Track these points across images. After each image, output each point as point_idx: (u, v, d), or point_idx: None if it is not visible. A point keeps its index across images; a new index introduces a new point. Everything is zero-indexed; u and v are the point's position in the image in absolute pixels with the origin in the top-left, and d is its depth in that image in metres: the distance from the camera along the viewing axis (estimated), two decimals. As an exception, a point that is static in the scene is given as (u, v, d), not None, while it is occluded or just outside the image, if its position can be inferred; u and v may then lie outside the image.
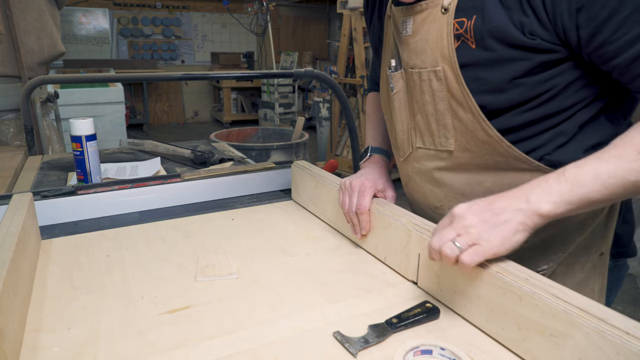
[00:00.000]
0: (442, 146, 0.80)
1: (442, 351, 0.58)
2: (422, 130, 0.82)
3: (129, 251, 0.88)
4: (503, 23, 0.67)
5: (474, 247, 0.60)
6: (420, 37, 0.77)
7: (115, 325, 0.65)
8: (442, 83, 0.75)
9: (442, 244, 0.61)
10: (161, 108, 7.70)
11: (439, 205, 0.86)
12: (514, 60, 0.68)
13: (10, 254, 0.64)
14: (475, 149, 0.76)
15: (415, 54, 0.78)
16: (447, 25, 0.72)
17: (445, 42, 0.73)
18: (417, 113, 0.82)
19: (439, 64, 0.74)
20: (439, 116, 0.77)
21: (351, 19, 4.02)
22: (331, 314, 0.67)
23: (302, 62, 7.57)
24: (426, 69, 0.76)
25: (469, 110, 0.73)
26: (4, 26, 2.00)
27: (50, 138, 2.25)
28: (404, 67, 0.82)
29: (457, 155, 0.78)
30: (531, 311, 0.55)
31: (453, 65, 0.72)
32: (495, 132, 0.72)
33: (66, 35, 6.59)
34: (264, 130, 3.71)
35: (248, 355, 0.58)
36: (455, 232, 0.61)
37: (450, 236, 0.61)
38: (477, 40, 0.70)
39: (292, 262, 0.84)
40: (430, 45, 0.75)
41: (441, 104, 0.76)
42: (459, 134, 0.76)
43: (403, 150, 0.89)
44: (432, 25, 0.74)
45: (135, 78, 4.90)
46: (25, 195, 0.91)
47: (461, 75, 0.72)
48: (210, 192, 1.18)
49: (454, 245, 0.60)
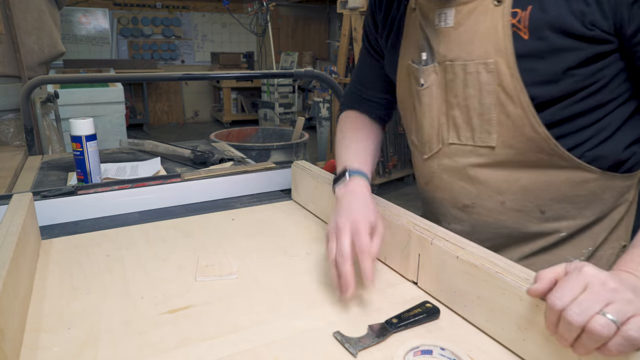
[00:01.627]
0: (482, 142, 0.78)
1: (442, 351, 0.58)
2: (459, 125, 0.80)
3: (129, 251, 0.88)
4: (563, 13, 0.66)
5: (637, 318, 0.44)
6: (467, 29, 0.74)
7: (115, 325, 0.65)
8: (492, 76, 0.73)
9: (588, 317, 0.44)
10: (161, 108, 7.70)
11: (469, 204, 0.84)
12: (570, 50, 0.67)
13: (10, 254, 0.64)
14: (519, 145, 0.74)
15: (458, 45, 0.76)
16: (503, 17, 0.70)
17: (500, 34, 0.71)
18: (454, 107, 0.80)
19: (490, 56, 0.72)
20: (484, 110, 0.76)
21: (351, 19, 4.01)
22: (331, 314, 0.67)
23: (302, 62, 7.56)
24: (473, 61, 0.74)
25: (519, 104, 0.72)
26: (4, 26, 2.00)
27: (50, 138, 2.25)
28: (438, 61, 0.80)
29: (498, 152, 0.77)
30: (531, 311, 0.55)
31: (508, 57, 0.71)
32: (543, 129, 0.72)
33: (66, 35, 6.59)
34: (264, 130, 3.71)
35: (248, 355, 0.58)
36: (604, 299, 0.45)
37: (598, 304, 0.45)
38: (532, 31, 0.69)
39: (292, 262, 0.84)
40: (480, 37, 0.73)
41: (488, 98, 0.74)
42: (504, 130, 0.75)
43: (429, 147, 0.86)
44: (482, 17, 0.73)
45: (135, 78, 4.91)
46: (25, 195, 0.91)
47: (517, 67, 0.70)
48: (210, 192, 1.18)
49: (607, 320, 0.44)
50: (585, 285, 0.47)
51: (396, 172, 4.36)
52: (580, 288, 0.47)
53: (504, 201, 0.81)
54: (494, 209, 0.82)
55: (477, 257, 0.63)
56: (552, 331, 0.49)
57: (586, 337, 0.45)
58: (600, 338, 0.44)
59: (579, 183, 0.76)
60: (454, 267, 0.66)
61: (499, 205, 0.81)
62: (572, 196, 0.77)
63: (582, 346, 0.46)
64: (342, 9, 4.06)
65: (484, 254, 0.64)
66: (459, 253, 0.65)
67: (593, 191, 0.77)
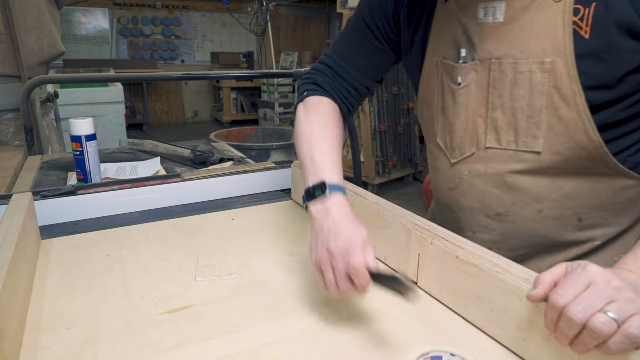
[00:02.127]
0: (527, 147, 0.73)
1: (453, 357, 0.58)
2: (501, 128, 0.75)
3: (129, 251, 0.88)
4: (628, 12, 0.63)
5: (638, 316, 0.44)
6: (521, 25, 0.70)
7: (115, 325, 0.65)
8: (548, 76, 0.69)
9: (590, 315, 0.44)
10: (161, 108, 7.70)
11: (502, 212, 0.80)
12: (631, 52, 0.65)
13: (10, 254, 0.64)
14: (568, 152, 0.71)
15: (510, 43, 0.71)
16: (565, 13, 0.66)
17: (560, 32, 0.67)
18: (497, 109, 0.75)
19: (548, 55, 0.68)
20: (533, 113, 0.71)
21: (351, 19, 4.01)
22: (331, 314, 0.67)
23: (302, 62, 7.56)
24: (527, 60, 0.70)
25: (574, 107, 0.68)
26: (4, 26, 2.00)
27: (50, 138, 2.25)
28: (480, 58, 0.75)
29: (544, 158, 0.73)
30: (531, 311, 0.55)
31: (568, 57, 0.67)
32: (597, 136, 0.69)
33: (66, 35, 6.58)
34: (264, 130, 3.71)
35: (248, 355, 0.58)
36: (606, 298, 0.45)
37: (600, 303, 0.45)
38: (594, 30, 0.65)
39: (292, 262, 0.84)
40: (537, 34, 0.69)
41: (540, 100, 0.70)
42: (553, 135, 0.71)
43: (461, 151, 0.81)
44: (539, 13, 0.68)
45: (135, 78, 4.92)
46: (25, 195, 0.91)
47: (576, 68, 0.67)
48: (210, 192, 1.18)
49: (609, 318, 0.44)
50: (589, 283, 0.47)
51: (396, 172, 4.36)
52: (583, 286, 0.47)
53: (542, 209, 0.77)
54: (530, 217, 0.78)
55: (477, 257, 0.63)
56: (552, 329, 0.49)
57: (587, 335, 0.45)
58: (601, 336, 0.44)
59: (619, 190, 0.74)
60: (454, 267, 0.66)
61: (535, 214, 0.78)
62: (611, 203, 0.75)
63: (582, 344, 0.46)
64: (342, 9, 4.06)
65: (484, 254, 0.64)
66: (459, 253, 0.65)
67: (631, 198, 0.76)
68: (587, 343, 0.46)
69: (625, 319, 0.44)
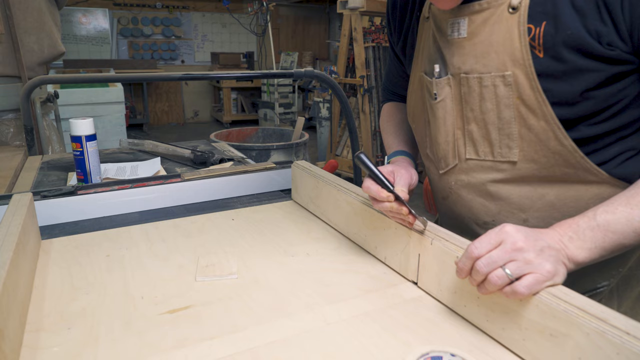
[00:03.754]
0: (502, 157, 0.74)
1: (453, 357, 0.58)
2: (477, 140, 0.76)
3: (129, 251, 0.88)
4: (578, 31, 0.62)
5: (531, 275, 0.54)
6: (481, 40, 0.71)
7: (115, 325, 0.65)
8: (511, 89, 0.69)
9: (491, 269, 0.55)
10: (161, 108, 7.70)
11: (489, 221, 0.81)
12: (588, 71, 0.64)
13: (10, 254, 0.64)
14: (543, 159, 0.71)
15: (473, 57, 0.72)
16: (519, 25, 0.66)
17: (517, 44, 0.67)
18: (471, 122, 0.76)
19: (508, 68, 0.68)
20: (503, 124, 0.72)
21: (351, 19, 4.01)
22: (331, 314, 0.67)
23: (302, 62, 7.57)
24: (490, 74, 0.70)
25: (542, 117, 0.68)
26: (4, 26, 2.00)
27: (50, 138, 2.25)
28: (451, 73, 0.76)
29: (521, 167, 0.73)
30: (531, 311, 0.55)
31: (527, 69, 0.67)
32: (569, 142, 0.68)
33: (66, 35, 6.59)
34: (264, 130, 3.71)
35: (248, 355, 0.58)
36: (508, 257, 0.55)
37: (502, 261, 0.55)
38: (547, 49, 0.65)
39: (292, 262, 0.84)
40: (496, 48, 0.69)
41: (507, 112, 0.71)
42: (526, 144, 0.71)
43: (445, 162, 0.83)
44: (496, 26, 0.68)
45: (135, 78, 4.91)
46: (25, 195, 0.91)
47: (537, 79, 0.66)
48: (210, 192, 1.18)
49: (504, 273, 0.54)
50: (500, 241, 0.56)
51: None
52: (495, 243, 0.56)
53: (526, 218, 0.77)
54: None
55: (477, 257, 0.63)
56: (465, 274, 0.58)
57: (486, 283, 0.56)
58: (495, 286, 0.55)
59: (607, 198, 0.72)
60: (454, 267, 0.66)
61: (521, 223, 0.77)
62: None
63: (484, 288, 0.57)
64: (342, 9, 4.06)
65: (484, 254, 0.64)
66: (459, 253, 0.65)
67: None
68: (487, 289, 0.57)
69: (519, 275, 0.54)
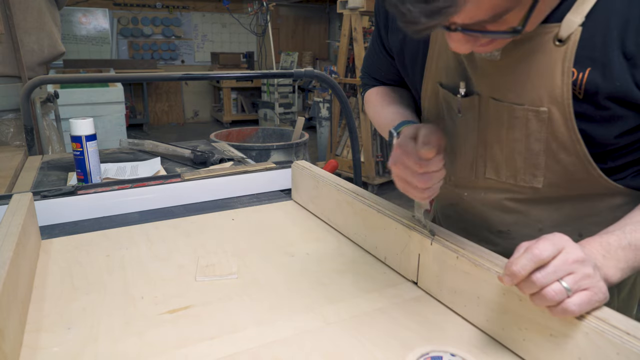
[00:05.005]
0: (526, 183, 0.71)
1: (453, 357, 0.58)
2: (500, 163, 0.72)
3: (129, 251, 0.88)
4: (627, 84, 0.58)
5: (586, 292, 0.50)
6: (517, 67, 0.64)
7: (115, 325, 0.65)
8: (544, 124, 0.65)
9: (549, 282, 0.49)
10: (161, 108, 7.70)
11: (504, 230, 0.79)
12: (627, 117, 0.62)
13: (10, 254, 0.64)
14: (567, 184, 0.70)
15: (505, 84, 0.66)
16: (565, 62, 0.60)
17: (558, 81, 0.61)
18: (495, 145, 0.71)
19: (544, 103, 0.63)
20: (530, 155, 0.68)
21: (351, 19, 4.01)
22: (331, 314, 0.67)
23: (302, 62, 7.57)
24: (522, 106, 0.65)
25: (573, 153, 0.65)
26: (4, 26, 2.00)
27: (50, 138, 2.25)
28: (478, 93, 0.70)
29: (543, 191, 0.71)
30: (531, 311, 0.55)
31: (566, 108, 0.62)
32: (598, 172, 0.67)
33: (66, 35, 6.59)
34: (264, 130, 3.71)
35: (248, 355, 0.58)
36: (569, 269, 0.50)
37: (562, 272, 0.50)
38: (588, 96, 0.61)
39: (292, 262, 0.84)
40: (533, 80, 0.63)
41: (536, 145, 0.67)
42: (552, 174, 0.69)
43: (461, 175, 0.80)
44: (538, 56, 0.62)
45: (135, 78, 4.91)
46: (25, 195, 0.91)
47: (574, 118, 0.62)
48: (210, 192, 1.18)
49: (562, 288, 0.49)
50: (561, 249, 0.51)
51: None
52: (557, 250, 0.51)
53: (542, 228, 0.76)
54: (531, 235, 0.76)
55: (477, 257, 0.63)
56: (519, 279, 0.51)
57: (538, 297, 0.50)
58: (551, 302, 0.49)
59: (619, 206, 0.73)
60: (454, 267, 0.66)
61: (536, 232, 0.76)
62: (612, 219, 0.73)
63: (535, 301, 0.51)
64: (342, 9, 4.06)
65: (484, 254, 0.64)
66: (459, 253, 0.65)
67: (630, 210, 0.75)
68: (539, 303, 0.51)
69: (577, 290, 0.49)
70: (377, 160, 4.19)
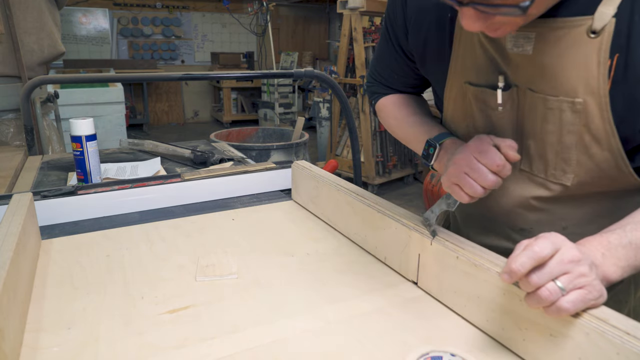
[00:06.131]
0: (555, 179, 0.71)
1: (453, 357, 0.58)
2: (533, 155, 0.73)
3: (129, 251, 0.88)
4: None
5: (580, 290, 0.51)
6: (550, 60, 0.64)
7: (115, 325, 0.65)
8: (578, 116, 0.64)
9: (544, 282, 0.51)
10: (161, 108, 7.70)
11: (526, 228, 0.79)
12: None
13: (10, 254, 0.64)
14: (596, 181, 0.69)
15: (540, 76, 0.66)
16: (599, 52, 0.60)
17: (594, 72, 0.61)
18: (529, 137, 0.72)
19: (579, 94, 0.63)
20: (562, 149, 0.68)
21: (351, 19, 4.01)
22: (331, 314, 0.67)
23: (302, 62, 7.57)
24: (557, 98, 0.65)
25: (607, 147, 0.65)
26: (4, 26, 2.00)
27: (50, 138, 2.25)
28: (516, 85, 0.70)
29: (572, 189, 0.71)
30: (531, 311, 0.55)
31: (602, 99, 0.62)
32: (630, 169, 0.66)
33: (66, 35, 6.59)
34: (264, 130, 3.71)
35: (248, 355, 0.58)
36: (564, 268, 0.51)
37: (557, 272, 0.51)
38: (615, 82, 0.61)
39: (292, 262, 0.84)
40: (568, 72, 0.63)
41: (569, 137, 0.67)
42: (583, 171, 0.68)
43: None
44: (572, 49, 0.62)
45: (135, 78, 4.91)
46: (25, 195, 0.91)
47: (610, 110, 0.62)
48: (210, 192, 1.18)
49: (557, 288, 0.50)
50: (557, 249, 0.52)
51: (396, 172, 4.36)
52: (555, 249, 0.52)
53: (566, 227, 0.76)
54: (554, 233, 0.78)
55: (477, 257, 0.63)
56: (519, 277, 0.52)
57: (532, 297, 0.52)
58: (545, 302, 0.50)
59: None
60: (454, 267, 0.66)
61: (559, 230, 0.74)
62: None
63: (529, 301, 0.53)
64: (342, 9, 4.06)
65: (484, 254, 0.64)
66: (459, 253, 0.65)
67: None
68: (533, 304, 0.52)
69: (571, 289, 0.50)
70: (377, 160, 4.19)
